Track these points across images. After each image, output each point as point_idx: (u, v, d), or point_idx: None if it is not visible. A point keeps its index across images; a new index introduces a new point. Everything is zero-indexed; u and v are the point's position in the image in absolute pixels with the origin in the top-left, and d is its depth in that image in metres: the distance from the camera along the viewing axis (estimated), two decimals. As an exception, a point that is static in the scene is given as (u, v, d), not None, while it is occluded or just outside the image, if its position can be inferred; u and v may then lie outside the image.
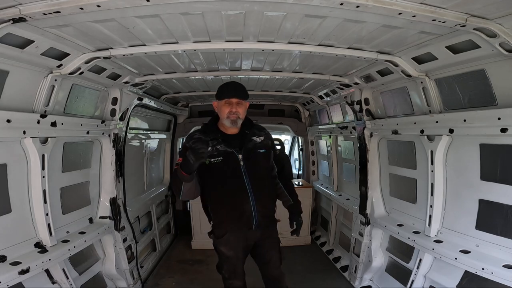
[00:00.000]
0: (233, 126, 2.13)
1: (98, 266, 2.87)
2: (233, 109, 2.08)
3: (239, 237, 2.19)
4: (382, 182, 3.16)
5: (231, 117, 2.09)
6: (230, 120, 2.09)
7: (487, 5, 1.44)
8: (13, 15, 1.49)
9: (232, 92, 2.11)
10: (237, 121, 2.11)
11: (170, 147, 5.13)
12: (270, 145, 2.29)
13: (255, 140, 2.21)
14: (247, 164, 2.13)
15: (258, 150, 2.19)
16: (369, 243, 3.16)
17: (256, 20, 1.81)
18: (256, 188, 2.13)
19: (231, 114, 2.09)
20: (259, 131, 2.27)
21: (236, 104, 2.09)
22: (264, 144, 2.23)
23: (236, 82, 2.23)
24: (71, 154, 2.60)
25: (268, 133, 2.32)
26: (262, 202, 2.17)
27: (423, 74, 2.33)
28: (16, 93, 1.95)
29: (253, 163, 2.15)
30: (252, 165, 2.14)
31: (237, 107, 2.09)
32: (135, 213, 3.62)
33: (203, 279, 3.63)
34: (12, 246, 1.97)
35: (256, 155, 2.18)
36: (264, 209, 2.19)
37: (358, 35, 1.97)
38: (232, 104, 2.08)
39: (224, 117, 2.11)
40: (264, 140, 2.24)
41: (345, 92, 3.35)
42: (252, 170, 2.14)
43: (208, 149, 1.88)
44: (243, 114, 2.14)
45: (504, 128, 1.80)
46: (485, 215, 2.07)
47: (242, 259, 2.25)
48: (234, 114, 2.09)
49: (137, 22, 1.76)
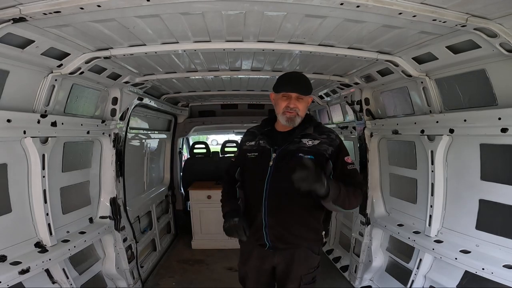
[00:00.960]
0: (290, 125, 1.78)
1: (98, 266, 2.86)
2: (291, 104, 1.74)
3: (251, 251, 1.87)
4: (382, 182, 3.16)
5: (288, 113, 1.75)
6: (286, 117, 1.76)
7: (487, 5, 1.44)
8: (13, 15, 1.48)
9: (292, 84, 1.76)
10: (295, 119, 1.76)
11: (170, 147, 5.13)
12: (326, 154, 1.75)
13: (304, 142, 1.76)
14: (277, 167, 1.74)
15: (299, 154, 1.72)
16: (369, 243, 3.16)
17: (256, 20, 1.80)
18: (274, 198, 1.73)
19: (287, 110, 1.75)
20: (319, 134, 1.80)
21: (296, 99, 1.75)
22: (316, 149, 1.74)
23: (298, 73, 1.88)
24: (71, 154, 2.59)
25: (333, 139, 1.80)
26: (279, 219, 1.75)
27: (424, 74, 2.33)
28: (16, 93, 1.95)
29: (284, 168, 1.69)
30: (282, 170, 1.71)
31: (296, 102, 1.74)
32: (135, 213, 3.62)
33: (203, 279, 3.63)
34: (12, 246, 1.97)
35: (294, 159, 1.69)
36: (281, 229, 1.75)
37: (358, 35, 1.97)
38: (291, 98, 1.74)
39: (279, 112, 1.78)
40: (319, 145, 1.76)
41: (345, 92, 3.34)
42: (279, 175, 1.72)
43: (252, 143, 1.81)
44: (303, 111, 1.78)
45: (505, 128, 1.80)
46: (485, 215, 2.07)
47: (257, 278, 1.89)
48: (292, 110, 1.74)
49: (137, 22, 1.76)
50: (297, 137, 1.78)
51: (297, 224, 1.77)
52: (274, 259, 1.82)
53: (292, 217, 1.76)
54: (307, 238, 1.80)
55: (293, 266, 1.80)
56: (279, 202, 1.73)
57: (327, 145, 1.77)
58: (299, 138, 1.78)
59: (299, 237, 1.78)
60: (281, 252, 1.80)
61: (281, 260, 1.81)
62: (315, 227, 1.82)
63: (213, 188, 4.38)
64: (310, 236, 1.81)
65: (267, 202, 1.74)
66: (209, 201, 4.40)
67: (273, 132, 1.86)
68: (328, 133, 1.82)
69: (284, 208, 1.74)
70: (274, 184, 1.73)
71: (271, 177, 1.74)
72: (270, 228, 1.75)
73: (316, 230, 1.83)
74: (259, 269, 1.87)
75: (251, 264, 1.89)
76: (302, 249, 1.80)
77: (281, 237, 1.76)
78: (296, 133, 1.79)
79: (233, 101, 4.91)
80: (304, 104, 1.78)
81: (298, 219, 1.77)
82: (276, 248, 1.78)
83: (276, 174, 1.74)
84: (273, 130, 1.87)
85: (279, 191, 1.72)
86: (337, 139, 1.81)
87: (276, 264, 1.83)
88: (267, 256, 1.83)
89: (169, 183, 5.06)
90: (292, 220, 1.76)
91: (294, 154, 1.73)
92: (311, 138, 1.78)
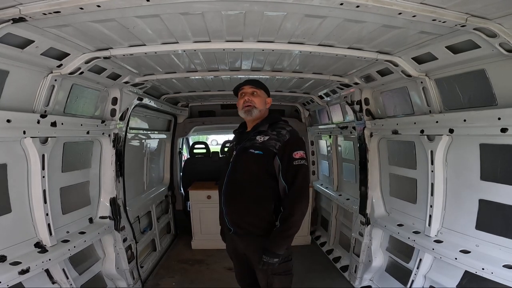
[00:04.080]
0: (248, 116, 1.97)
1: (98, 266, 2.86)
2: (246, 97, 1.96)
3: (227, 235, 2.12)
4: (382, 182, 3.16)
5: (245, 107, 1.94)
6: (244, 110, 1.96)
7: (487, 5, 1.44)
8: (13, 15, 1.48)
9: (244, 82, 2.04)
10: (252, 110, 1.94)
11: (170, 147, 5.12)
12: (274, 150, 1.86)
13: (257, 139, 1.92)
14: (234, 162, 1.96)
15: (250, 150, 1.90)
16: (369, 243, 3.16)
17: (256, 20, 1.80)
18: (230, 191, 1.94)
19: (245, 103, 1.95)
20: (272, 130, 1.94)
21: (251, 94, 1.97)
22: (264, 145, 1.88)
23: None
24: (71, 154, 2.59)
25: (284, 135, 1.90)
26: (235, 209, 1.94)
27: (423, 74, 2.33)
28: (16, 93, 1.95)
29: (240, 163, 1.94)
30: (237, 165, 1.94)
31: (251, 96, 1.96)
32: (135, 213, 3.62)
33: (203, 279, 3.63)
34: (12, 246, 1.97)
35: (246, 155, 1.90)
36: (237, 217, 1.94)
37: (358, 35, 1.97)
38: (246, 93, 1.97)
39: (239, 109, 2.00)
40: (267, 141, 1.88)
41: (345, 92, 3.35)
42: (234, 170, 1.95)
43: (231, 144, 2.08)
44: (259, 104, 1.97)
45: (504, 128, 1.80)
46: (485, 215, 2.07)
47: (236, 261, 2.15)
48: (248, 102, 1.94)
49: (137, 22, 1.76)
50: (253, 135, 1.95)
51: (248, 213, 1.91)
52: (240, 244, 2.00)
53: (244, 207, 1.92)
54: (260, 227, 1.90)
55: (250, 252, 1.96)
56: (234, 193, 1.93)
57: (275, 140, 1.88)
58: (254, 136, 1.94)
59: (252, 225, 1.92)
60: (242, 238, 1.96)
61: (244, 246, 1.98)
62: (265, 217, 1.90)
63: (213, 188, 4.36)
64: (262, 225, 1.90)
65: (224, 192, 1.96)
66: (209, 201, 4.39)
67: (243, 132, 2.05)
68: (280, 129, 1.93)
69: (237, 199, 1.93)
70: (230, 178, 1.95)
71: (230, 172, 1.95)
72: (229, 215, 1.96)
73: (268, 220, 1.89)
74: (235, 252, 2.09)
75: (229, 247, 2.14)
76: (254, 236, 1.92)
77: (238, 224, 1.94)
78: (254, 132, 1.96)
79: (233, 101, 4.90)
80: (260, 99, 1.98)
81: (249, 209, 1.91)
82: (237, 233, 1.96)
83: (232, 169, 1.95)
84: (243, 131, 2.06)
85: (234, 183, 1.94)
86: (287, 135, 1.90)
87: (242, 249, 2.01)
88: (235, 240, 2.02)
89: (169, 183, 5.06)
90: (245, 209, 1.91)
91: (247, 150, 1.91)
92: (263, 135, 1.93)
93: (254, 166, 1.89)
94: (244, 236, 1.96)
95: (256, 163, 1.88)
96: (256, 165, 1.88)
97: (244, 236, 1.96)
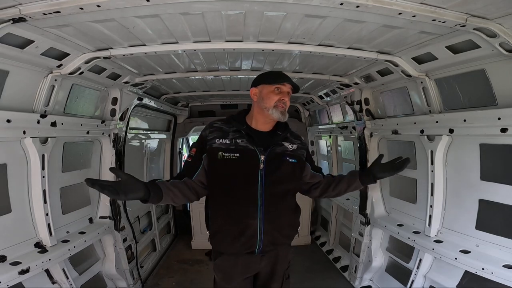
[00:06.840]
0: (283, 119, 1.68)
1: (98, 266, 2.86)
2: (285, 97, 1.66)
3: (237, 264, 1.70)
4: (382, 182, 3.15)
5: (281, 107, 1.65)
6: (280, 110, 1.65)
7: (487, 5, 1.44)
8: (13, 15, 1.48)
9: (287, 78, 1.70)
10: (286, 114, 1.68)
11: (170, 147, 5.13)
12: (303, 158, 1.79)
13: (286, 146, 1.73)
14: (268, 170, 1.63)
15: (286, 158, 1.70)
16: (369, 243, 3.16)
17: (256, 20, 1.80)
18: (271, 203, 1.63)
19: (281, 103, 1.65)
20: (294, 138, 1.80)
21: (287, 94, 1.69)
22: (297, 154, 1.75)
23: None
24: (71, 154, 2.59)
25: (304, 143, 1.84)
26: (276, 224, 1.66)
27: (423, 74, 2.33)
28: (16, 93, 1.95)
29: (277, 171, 1.65)
30: (273, 173, 1.64)
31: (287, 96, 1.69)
32: (135, 213, 3.62)
33: (203, 279, 3.62)
34: (12, 246, 1.97)
35: (283, 163, 1.68)
36: (276, 233, 1.67)
37: (358, 35, 1.97)
38: (284, 92, 1.67)
39: (270, 105, 1.65)
40: (297, 150, 1.76)
41: (345, 92, 3.35)
42: (272, 179, 1.63)
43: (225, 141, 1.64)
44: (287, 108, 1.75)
45: (504, 128, 1.80)
46: (485, 215, 2.07)
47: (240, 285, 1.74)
48: (284, 104, 1.66)
49: (137, 22, 1.76)
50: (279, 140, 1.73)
51: (287, 225, 1.74)
52: (260, 264, 1.72)
53: (284, 220, 1.71)
54: (291, 236, 1.80)
55: (277, 266, 1.76)
56: (275, 207, 1.65)
57: (301, 149, 1.81)
58: (280, 141, 1.73)
59: (286, 236, 1.77)
60: (268, 254, 1.72)
61: (266, 263, 1.74)
62: (297, 224, 1.82)
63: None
64: (293, 233, 1.80)
65: (264, 207, 1.62)
66: (209, 201, 4.39)
67: (250, 130, 1.70)
68: (299, 138, 1.85)
69: (279, 212, 1.68)
70: (269, 189, 1.63)
71: (266, 180, 1.63)
72: (266, 234, 1.64)
73: (297, 227, 1.83)
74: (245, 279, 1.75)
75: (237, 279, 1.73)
76: (284, 247, 1.78)
77: (274, 241, 1.69)
78: (277, 135, 1.73)
79: (233, 101, 4.91)
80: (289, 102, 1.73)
81: (288, 220, 1.74)
82: (265, 251, 1.69)
83: (269, 178, 1.63)
84: (250, 128, 1.72)
85: (275, 196, 1.65)
86: (305, 144, 1.86)
87: (261, 268, 1.74)
88: (254, 262, 1.71)
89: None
90: (285, 222, 1.72)
91: (281, 157, 1.69)
92: (290, 142, 1.76)
93: (290, 175, 1.72)
94: (270, 252, 1.72)
95: (293, 172, 1.74)
96: (294, 174, 1.75)
97: (270, 252, 1.72)
